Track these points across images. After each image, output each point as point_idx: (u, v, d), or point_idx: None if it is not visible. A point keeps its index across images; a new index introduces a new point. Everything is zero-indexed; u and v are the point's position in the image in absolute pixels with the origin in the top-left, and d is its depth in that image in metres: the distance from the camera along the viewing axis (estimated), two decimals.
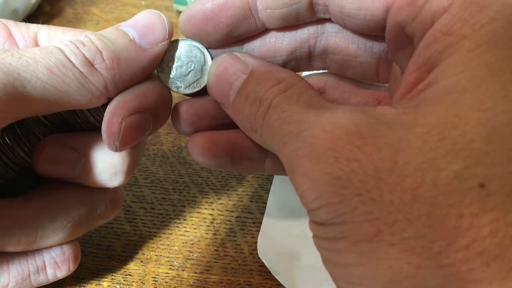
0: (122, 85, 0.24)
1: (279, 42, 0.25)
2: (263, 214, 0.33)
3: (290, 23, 0.24)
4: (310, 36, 0.25)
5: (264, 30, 0.25)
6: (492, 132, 0.16)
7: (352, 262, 0.17)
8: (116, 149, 0.24)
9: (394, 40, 0.21)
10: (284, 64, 0.25)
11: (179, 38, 0.25)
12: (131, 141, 0.24)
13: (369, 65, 0.24)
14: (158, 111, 0.25)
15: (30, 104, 0.22)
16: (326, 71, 0.27)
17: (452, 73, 0.17)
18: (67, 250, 0.28)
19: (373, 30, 0.22)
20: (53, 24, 0.46)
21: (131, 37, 0.24)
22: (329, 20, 0.24)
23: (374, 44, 0.24)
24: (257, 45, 0.25)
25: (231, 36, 0.24)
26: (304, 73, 0.31)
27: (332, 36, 0.24)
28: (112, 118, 0.23)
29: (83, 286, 0.30)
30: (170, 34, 0.24)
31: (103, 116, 0.24)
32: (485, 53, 0.17)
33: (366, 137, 0.17)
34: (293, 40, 0.25)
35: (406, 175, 0.16)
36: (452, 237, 0.16)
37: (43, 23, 0.28)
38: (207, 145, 0.25)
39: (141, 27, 0.24)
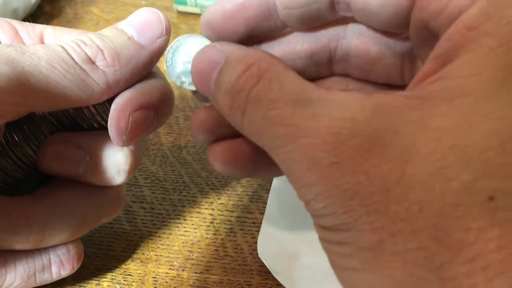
0: (123, 82, 0.24)
1: (299, 46, 0.24)
2: (263, 214, 0.33)
3: (311, 23, 0.23)
4: (331, 40, 0.24)
5: (283, 32, 0.24)
6: (505, 142, 0.16)
7: (355, 267, 0.17)
8: (123, 143, 0.25)
9: (418, 37, 0.20)
10: (304, 69, 0.24)
11: (191, 34, 0.25)
12: (138, 136, 0.25)
13: (393, 66, 0.23)
14: (162, 107, 0.25)
15: (34, 98, 0.23)
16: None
17: (469, 73, 0.17)
18: (72, 248, 0.28)
19: (396, 27, 0.21)
20: (53, 24, 0.46)
21: (130, 35, 0.24)
22: (350, 20, 0.23)
23: (398, 43, 0.23)
24: (276, 48, 0.24)
25: (252, 36, 0.24)
26: None
27: (353, 39, 0.24)
28: (119, 113, 0.24)
29: (83, 286, 0.30)
30: (168, 30, 0.25)
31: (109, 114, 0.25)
32: (506, 54, 0.16)
33: (372, 148, 0.17)
34: (313, 43, 0.24)
35: (414, 185, 0.16)
36: (456, 249, 0.15)
37: (43, 23, 0.28)
38: (228, 156, 0.23)
39: (139, 25, 0.25)
